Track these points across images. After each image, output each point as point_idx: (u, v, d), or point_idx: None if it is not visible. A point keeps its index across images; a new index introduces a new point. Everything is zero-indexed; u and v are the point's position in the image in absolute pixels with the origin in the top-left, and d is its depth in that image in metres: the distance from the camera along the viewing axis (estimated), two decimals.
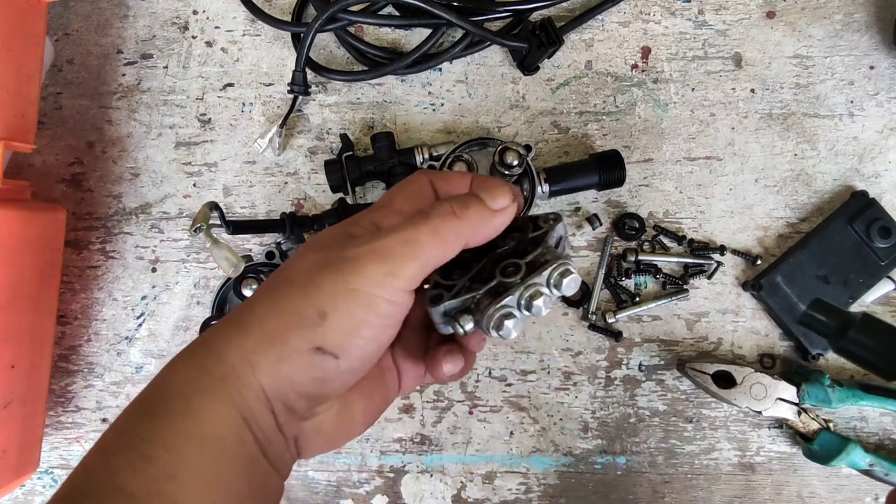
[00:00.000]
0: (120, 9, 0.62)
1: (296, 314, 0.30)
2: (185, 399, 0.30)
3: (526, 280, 0.33)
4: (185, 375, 0.31)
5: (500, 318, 0.33)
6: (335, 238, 0.33)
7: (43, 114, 0.60)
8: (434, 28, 0.58)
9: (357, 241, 0.31)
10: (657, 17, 0.61)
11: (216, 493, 0.29)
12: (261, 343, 0.30)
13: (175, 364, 0.31)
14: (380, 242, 0.31)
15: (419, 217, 0.31)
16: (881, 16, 0.60)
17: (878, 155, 0.59)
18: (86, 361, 0.60)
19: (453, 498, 0.59)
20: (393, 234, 0.31)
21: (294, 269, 0.32)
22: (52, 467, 0.60)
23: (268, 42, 0.61)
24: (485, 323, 0.33)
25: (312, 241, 0.34)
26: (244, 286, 0.51)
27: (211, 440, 0.29)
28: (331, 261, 0.31)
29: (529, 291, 0.33)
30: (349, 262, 0.30)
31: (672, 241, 0.59)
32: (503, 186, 0.34)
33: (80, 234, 0.60)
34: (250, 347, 0.31)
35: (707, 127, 0.60)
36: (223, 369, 0.30)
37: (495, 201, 0.33)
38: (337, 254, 0.31)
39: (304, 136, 0.61)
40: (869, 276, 0.56)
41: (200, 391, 0.30)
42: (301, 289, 0.31)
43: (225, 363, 0.30)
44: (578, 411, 0.58)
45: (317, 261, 0.31)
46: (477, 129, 0.60)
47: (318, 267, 0.31)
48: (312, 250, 0.32)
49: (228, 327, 0.32)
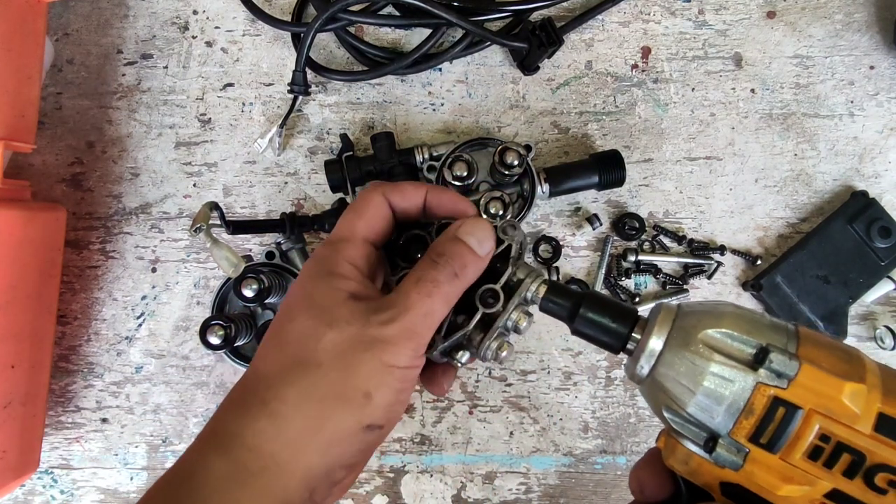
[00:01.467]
0: (120, 9, 0.62)
1: (340, 398, 0.31)
2: (220, 496, 0.30)
3: (507, 306, 0.35)
4: (218, 471, 0.30)
5: (497, 350, 0.35)
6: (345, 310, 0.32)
7: (43, 114, 0.60)
8: (434, 28, 0.58)
9: (379, 318, 0.32)
10: (657, 17, 0.61)
11: None
12: (305, 430, 0.31)
13: (204, 457, 0.31)
14: (407, 320, 0.32)
15: (429, 286, 0.33)
16: (881, 16, 0.60)
17: (878, 155, 0.59)
18: (86, 361, 0.60)
19: (453, 498, 0.59)
20: (413, 309, 0.32)
21: (316, 349, 0.32)
22: (52, 467, 0.60)
23: (268, 42, 0.61)
24: (482, 355, 0.35)
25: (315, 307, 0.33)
26: (244, 286, 0.51)
27: None
28: (360, 341, 0.31)
29: (514, 316, 0.35)
30: (382, 343, 0.31)
31: (672, 241, 0.59)
32: (487, 228, 0.35)
33: (80, 234, 0.60)
34: (292, 436, 0.31)
35: (707, 127, 0.60)
36: (261, 463, 0.30)
37: (483, 247, 0.35)
38: (363, 332, 0.32)
39: (304, 136, 0.61)
40: (869, 275, 0.56)
41: (237, 488, 0.30)
42: (338, 371, 0.31)
43: (262, 456, 0.30)
44: (578, 411, 0.58)
45: (343, 341, 0.32)
46: (477, 129, 0.60)
47: (349, 347, 0.31)
48: (330, 324, 0.32)
49: (255, 417, 0.31)
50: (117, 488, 0.59)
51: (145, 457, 0.59)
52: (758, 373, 0.28)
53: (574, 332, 0.35)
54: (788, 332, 0.29)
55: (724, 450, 0.28)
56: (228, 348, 0.53)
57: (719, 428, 0.29)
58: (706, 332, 0.29)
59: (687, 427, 0.30)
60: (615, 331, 0.33)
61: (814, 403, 0.27)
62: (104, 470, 0.59)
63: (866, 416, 0.27)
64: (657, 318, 0.31)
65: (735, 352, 0.29)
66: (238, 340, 0.53)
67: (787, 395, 0.27)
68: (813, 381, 0.27)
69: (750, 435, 0.28)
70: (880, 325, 0.57)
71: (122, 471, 0.59)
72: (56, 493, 0.59)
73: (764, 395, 0.28)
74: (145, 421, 0.59)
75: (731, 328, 0.29)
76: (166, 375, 0.60)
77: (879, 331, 0.57)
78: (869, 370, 0.28)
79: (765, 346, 0.28)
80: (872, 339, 0.57)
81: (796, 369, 0.27)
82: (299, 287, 0.35)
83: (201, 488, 0.30)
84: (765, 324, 0.30)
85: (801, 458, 0.27)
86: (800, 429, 0.27)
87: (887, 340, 0.57)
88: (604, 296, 0.35)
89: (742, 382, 0.28)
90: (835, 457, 0.27)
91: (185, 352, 0.60)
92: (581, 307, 0.34)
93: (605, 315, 0.33)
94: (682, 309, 0.31)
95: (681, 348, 0.30)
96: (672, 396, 0.30)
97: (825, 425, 0.27)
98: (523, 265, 0.36)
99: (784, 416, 0.27)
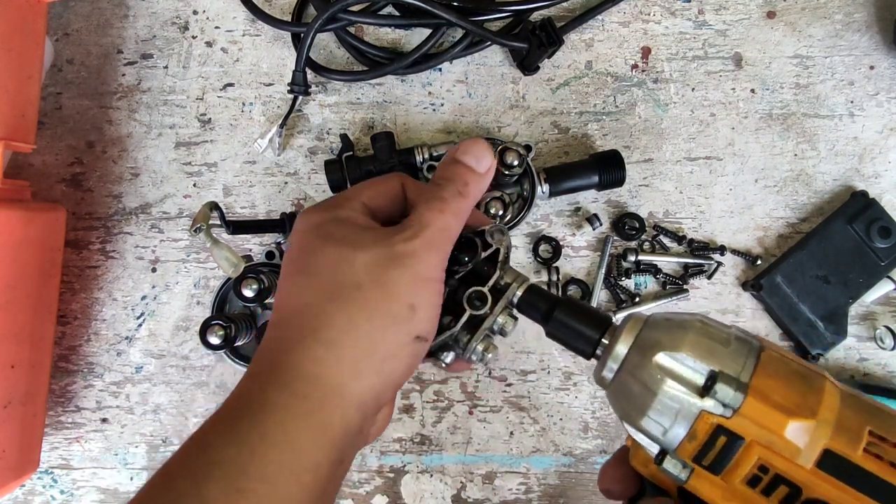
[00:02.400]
0: (120, 9, 0.62)
1: (387, 315, 0.32)
2: (283, 428, 0.30)
3: (495, 309, 0.36)
4: (278, 402, 0.30)
5: (483, 351, 0.36)
6: (367, 235, 0.34)
7: (43, 114, 0.60)
8: (434, 28, 0.58)
9: (402, 236, 0.33)
10: (657, 17, 0.61)
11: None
12: (360, 352, 0.32)
13: (264, 391, 0.31)
14: (427, 234, 0.33)
15: (439, 204, 0.35)
16: (881, 16, 0.60)
17: (878, 155, 0.59)
18: (86, 361, 0.60)
19: (453, 498, 0.59)
20: (431, 225, 0.34)
21: (353, 272, 0.32)
22: (52, 467, 0.60)
23: (268, 42, 0.61)
24: (468, 356, 0.36)
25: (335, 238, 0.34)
26: (244, 286, 0.51)
27: (309, 470, 0.30)
28: (390, 258, 0.33)
29: (501, 319, 0.36)
30: (411, 258, 0.33)
31: (672, 241, 0.59)
32: (483, 145, 0.37)
33: (80, 234, 0.60)
34: (349, 360, 0.31)
35: (707, 127, 0.60)
36: (321, 391, 0.31)
37: (481, 163, 0.37)
38: (391, 250, 0.33)
39: (304, 136, 0.61)
40: (869, 276, 0.56)
41: (298, 418, 0.30)
42: (379, 289, 0.32)
43: (322, 385, 0.31)
44: (578, 411, 0.58)
45: (375, 261, 0.33)
46: (477, 129, 0.60)
47: (382, 266, 0.32)
48: (356, 248, 0.33)
49: (308, 347, 0.32)
50: (117, 488, 0.59)
51: (145, 457, 0.59)
52: (704, 400, 0.28)
53: (548, 334, 0.36)
54: (749, 355, 0.30)
55: (671, 466, 0.29)
56: (228, 348, 0.53)
57: (667, 444, 0.30)
58: (661, 355, 0.30)
59: (642, 438, 0.31)
60: (587, 336, 0.34)
61: (755, 435, 0.28)
62: (104, 470, 0.59)
63: (810, 451, 0.27)
64: (625, 328, 0.32)
65: (686, 376, 0.29)
66: (238, 340, 0.53)
67: (729, 424, 0.28)
68: (757, 413, 0.28)
69: (692, 457, 0.29)
70: (880, 325, 0.57)
71: (122, 471, 0.59)
72: (56, 493, 0.59)
73: (706, 423, 0.28)
74: (145, 421, 0.59)
75: (688, 351, 0.30)
76: (166, 375, 0.60)
77: (879, 331, 0.57)
78: (825, 404, 0.28)
79: (714, 374, 0.29)
80: (872, 339, 0.57)
81: (740, 401, 0.28)
82: (308, 231, 0.35)
83: (264, 421, 0.30)
84: (726, 347, 0.30)
85: (741, 482, 0.28)
86: (740, 457, 0.28)
87: (887, 340, 0.57)
88: (580, 302, 0.36)
89: (688, 408, 0.29)
90: (772, 487, 0.28)
91: (185, 352, 0.60)
92: (555, 310, 0.35)
93: (579, 320, 0.35)
94: (649, 323, 0.32)
95: (636, 368, 0.31)
96: (627, 410, 0.31)
97: (764, 457, 0.28)
98: (510, 269, 0.37)
99: (725, 444, 0.28)
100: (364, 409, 0.32)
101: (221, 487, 0.28)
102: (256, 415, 0.30)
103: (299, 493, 0.29)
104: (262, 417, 0.30)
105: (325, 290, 0.33)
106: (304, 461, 0.30)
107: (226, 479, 0.28)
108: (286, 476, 0.29)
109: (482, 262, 0.36)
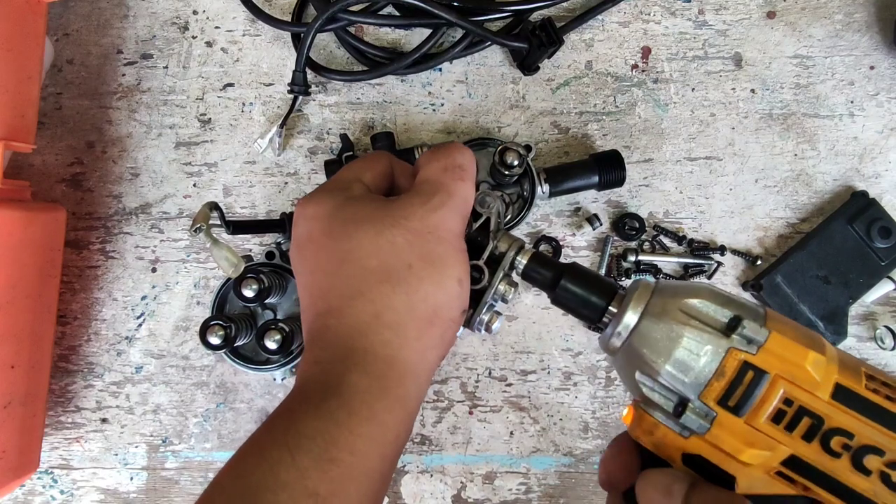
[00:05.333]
0: (120, 9, 0.62)
1: (439, 290, 0.33)
2: (368, 405, 0.31)
3: (493, 280, 0.36)
4: (360, 384, 0.32)
5: (488, 322, 0.37)
6: (393, 211, 0.34)
7: (43, 114, 0.60)
8: (434, 28, 0.58)
9: (431, 205, 0.34)
10: (657, 17, 0.61)
11: (382, 486, 0.32)
12: (422, 330, 0.33)
13: (347, 375, 0.32)
14: (452, 203, 0.35)
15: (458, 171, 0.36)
16: (881, 16, 0.60)
17: (879, 155, 0.59)
18: (86, 361, 0.60)
19: (453, 498, 0.59)
20: (457, 193, 0.35)
21: (396, 253, 0.33)
22: (52, 467, 0.59)
23: (268, 42, 0.61)
24: (474, 326, 0.37)
25: (362, 219, 0.34)
26: (244, 286, 0.51)
27: (391, 442, 0.32)
28: (429, 232, 0.34)
29: (501, 287, 0.37)
30: (446, 230, 0.34)
31: (672, 242, 0.59)
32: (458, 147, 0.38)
33: (80, 234, 0.60)
34: (414, 339, 0.33)
35: (707, 127, 0.60)
36: (397, 370, 0.33)
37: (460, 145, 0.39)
38: (426, 223, 0.34)
39: (304, 136, 0.61)
40: (869, 276, 0.56)
41: (381, 395, 0.32)
42: (427, 267, 0.33)
43: (396, 365, 0.33)
44: (578, 411, 0.58)
45: (415, 236, 0.34)
46: (477, 129, 0.60)
47: (423, 241, 0.33)
48: (391, 226, 0.34)
49: (377, 332, 0.33)
50: (117, 488, 0.59)
51: (145, 457, 0.59)
52: (730, 338, 0.30)
53: (554, 301, 0.36)
54: (758, 309, 0.31)
55: (693, 413, 0.30)
56: (228, 348, 0.53)
57: (689, 392, 0.30)
58: (684, 301, 0.31)
59: (657, 394, 0.31)
60: (594, 303, 0.34)
61: (779, 369, 0.29)
62: (104, 470, 0.59)
63: (825, 385, 0.29)
64: (635, 293, 0.33)
65: (710, 319, 0.30)
66: (238, 340, 0.53)
67: (755, 360, 0.29)
68: (780, 348, 0.29)
69: (719, 397, 0.30)
70: (880, 325, 0.57)
71: (122, 471, 0.59)
72: (56, 493, 0.59)
73: (735, 360, 0.29)
74: (145, 421, 0.59)
75: (707, 299, 0.31)
76: (166, 375, 0.59)
77: (879, 331, 0.57)
78: (827, 346, 0.30)
79: (738, 315, 0.30)
80: (872, 339, 0.57)
81: (766, 336, 0.29)
82: (326, 217, 0.35)
83: (350, 400, 0.31)
84: (736, 301, 0.32)
85: (765, 421, 0.29)
86: (765, 393, 0.29)
87: (887, 340, 0.57)
88: (586, 268, 0.36)
89: (715, 346, 0.30)
90: (795, 420, 0.29)
91: (185, 352, 0.60)
92: (562, 278, 0.35)
93: (586, 287, 0.35)
94: (660, 285, 0.33)
95: (658, 316, 0.31)
96: (647, 361, 0.31)
97: (789, 390, 0.29)
98: (504, 236, 0.37)
99: (752, 379, 0.29)
100: (430, 379, 0.35)
101: (313, 457, 0.29)
102: (342, 395, 0.32)
103: (381, 464, 0.32)
104: (347, 397, 0.31)
105: (375, 274, 0.33)
106: (388, 434, 0.32)
107: (318, 450, 0.30)
108: (373, 448, 0.31)
109: (475, 233, 0.37)
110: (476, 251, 0.36)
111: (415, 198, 0.35)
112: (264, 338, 0.51)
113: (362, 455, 0.31)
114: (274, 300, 0.56)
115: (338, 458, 0.30)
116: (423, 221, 0.34)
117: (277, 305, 0.57)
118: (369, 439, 0.31)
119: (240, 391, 0.59)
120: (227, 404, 0.59)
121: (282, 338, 0.51)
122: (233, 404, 0.59)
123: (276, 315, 0.57)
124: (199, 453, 0.59)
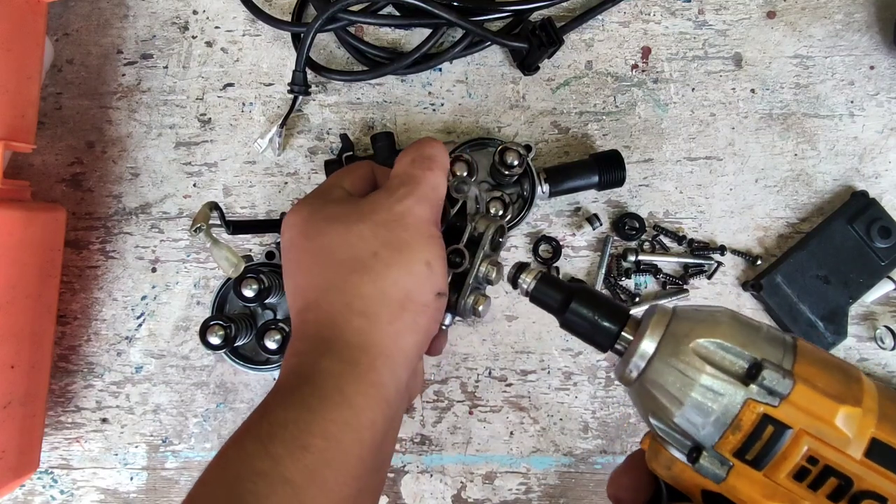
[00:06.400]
0: (120, 9, 0.62)
1: (408, 275, 0.34)
2: (340, 390, 0.32)
3: (474, 261, 0.36)
4: (332, 370, 0.32)
5: (474, 306, 0.37)
6: (363, 206, 0.35)
7: (43, 114, 0.60)
8: (434, 28, 0.58)
9: (396, 196, 0.35)
10: (657, 17, 0.61)
11: (363, 472, 0.32)
12: (393, 315, 0.33)
13: (318, 362, 0.33)
14: (420, 191, 0.35)
15: (427, 161, 0.37)
16: (881, 16, 0.60)
17: (879, 155, 0.59)
18: (86, 361, 0.60)
19: (453, 498, 0.59)
20: (424, 181, 0.35)
21: (364, 243, 0.34)
22: (52, 467, 0.59)
23: (268, 42, 0.61)
24: (461, 312, 0.37)
25: (335, 217, 0.35)
26: (244, 286, 0.51)
27: (367, 427, 0.32)
28: (395, 220, 0.34)
29: (484, 269, 0.37)
30: (412, 216, 0.35)
31: (672, 241, 0.59)
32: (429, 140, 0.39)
33: (80, 234, 0.60)
34: (386, 324, 0.33)
35: (707, 127, 0.60)
36: (370, 355, 0.33)
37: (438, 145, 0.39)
38: (391, 213, 0.35)
39: (304, 136, 0.61)
40: (869, 276, 0.56)
41: (353, 380, 0.32)
42: (394, 253, 0.34)
43: (368, 349, 0.33)
44: (578, 411, 0.58)
45: (381, 226, 0.34)
46: (477, 129, 0.60)
47: (389, 230, 0.34)
48: (359, 220, 0.35)
49: (347, 320, 0.33)
50: (117, 488, 0.59)
51: (145, 457, 0.59)
52: (749, 388, 0.27)
53: (563, 325, 0.35)
54: (786, 346, 0.28)
55: (708, 462, 0.28)
56: (228, 348, 0.53)
57: (705, 440, 0.28)
58: (698, 342, 0.28)
59: (672, 435, 0.29)
60: (605, 329, 0.33)
61: (804, 424, 0.26)
62: (104, 470, 0.59)
63: (858, 441, 0.26)
64: (651, 321, 0.30)
65: (727, 364, 0.28)
66: (238, 340, 0.53)
67: (777, 413, 0.27)
68: (806, 401, 0.26)
69: (735, 450, 0.27)
70: (880, 325, 0.57)
71: (122, 471, 0.59)
72: (56, 493, 0.59)
73: (753, 412, 0.27)
74: (145, 421, 0.59)
75: (726, 339, 0.28)
76: (166, 375, 0.59)
77: (879, 331, 0.57)
78: (867, 393, 0.27)
79: (759, 361, 0.27)
80: (872, 340, 0.57)
81: (790, 388, 0.26)
82: (304, 221, 0.36)
83: (322, 386, 0.32)
84: (761, 336, 0.29)
85: (786, 477, 0.27)
86: (787, 448, 0.27)
87: (887, 340, 0.57)
88: (597, 292, 0.35)
89: (732, 396, 0.27)
90: (821, 480, 0.26)
91: (185, 352, 0.60)
92: (572, 301, 0.33)
93: (597, 312, 0.33)
94: (677, 313, 0.31)
95: (671, 356, 0.29)
96: (659, 405, 0.29)
97: (814, 447, 0.26)
98: (481, 218, 0.38)
99: (772, 434, 0.27)
100: (408, 365, 0.34)
101: (286, 445, 0.30)
102: (315, 382, 0.32)
103: (359, 449, 0.31)
104: (319, 383, 0.32)
105: (345, 265, 0.34)
106: (363, 418, 0.32)
107: (290, 438, 0.30)
108: (347, 432, 0.31)
109: (454, 218, 0.37)
110: (458, 237, 0.37)
111: (383, 192, 0.36)
112: (264, 338, 0.51)
113: (335, 440, 0.31)
114: (274, 300, 0.56)
115: (311, 444, 0.30)
116: (389, 212, 0.34)
117: (277, 305, 0.57)
118: (343, 423, 0.31)
119: (240, 391, 0.59)
120: (227, 404, 0.59)
121: (282, 338, 0.51)
122: (233, 404, 0.59)
123: (276, 315, 0.57)
124: (199, 453, 0.59)
